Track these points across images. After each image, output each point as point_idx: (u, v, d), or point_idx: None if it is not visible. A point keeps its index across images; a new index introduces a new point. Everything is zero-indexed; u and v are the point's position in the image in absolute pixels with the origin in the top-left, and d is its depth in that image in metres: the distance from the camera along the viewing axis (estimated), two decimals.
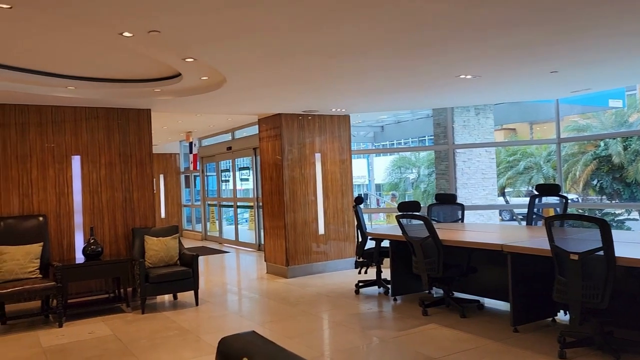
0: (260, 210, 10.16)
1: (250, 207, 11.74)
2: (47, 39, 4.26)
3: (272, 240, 8.13)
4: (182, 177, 14.57)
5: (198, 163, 13.17)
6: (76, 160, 6.43)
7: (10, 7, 3.08)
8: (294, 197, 7.88)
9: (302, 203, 7.95)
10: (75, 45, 4.43)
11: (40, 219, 6.03)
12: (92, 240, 6.08)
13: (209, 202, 13.48)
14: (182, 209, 14.55)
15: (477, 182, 9.38)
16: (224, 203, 12.81)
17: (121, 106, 6.62)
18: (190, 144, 12.76)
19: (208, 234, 13.44)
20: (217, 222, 13.08)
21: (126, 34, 3.69)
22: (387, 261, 6.45)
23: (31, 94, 5.61)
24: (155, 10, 3.26)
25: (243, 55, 4.46)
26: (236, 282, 8.21)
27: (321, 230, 8.06)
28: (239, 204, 12.10)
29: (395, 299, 6.14)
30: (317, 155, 8.12)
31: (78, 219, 6.39)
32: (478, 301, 5.61)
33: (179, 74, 5.42)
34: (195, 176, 14.32)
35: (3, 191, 5.99)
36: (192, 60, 4.54)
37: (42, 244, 5.81)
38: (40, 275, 5.65)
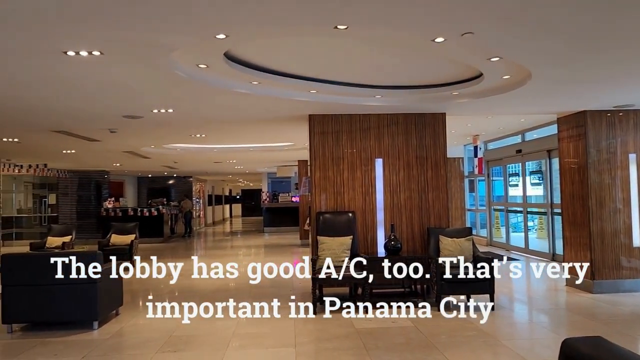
0: (556, 217, 9.39)
1: (542, 213, 10.95)
2: (364, 54, 4.79)
3: (573, 250, 7.40)
4: (466, 181, 14.54)
5: (483, 167, 12.94)
6: (379, 163, 7.06)
7: (347, 28, 3.57)
8: (601, 204, 7.02)
9: (612, 210, 7.02)
10: (384, 56, 4.87)
11: (350, 214, 6.81)
12: (392, 237, 6.57)
13: (495, 207, 13.10)
14: (466, 213, 14.50)
15: None
16: (511, 208, 12.27)
17: (418, 111, 6.99)
18: (476, 147, 12.60)
19: (493, 239, 13.07)
20: (501, 228, 12.62)
21: (438, 39, 3.86)
22: None
23: (345, 105, 6.39)
24: (473, 14, 3.33)
25: (555, 48, 4.18)
26: (531, 290, 7.74)
27: (636, 243, 6.97)
28: (528, 209, 11.42)
29: None
30: (632, 157, 7.06)
31: (380, 216, 7.00)
32: None
33: (479, 75, 5.43)
34: (479, 180, 14.11)
35: (322, 189, 6.99)
36: (497, 59, 4.48)
37: (351, 237, 6.55)
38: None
